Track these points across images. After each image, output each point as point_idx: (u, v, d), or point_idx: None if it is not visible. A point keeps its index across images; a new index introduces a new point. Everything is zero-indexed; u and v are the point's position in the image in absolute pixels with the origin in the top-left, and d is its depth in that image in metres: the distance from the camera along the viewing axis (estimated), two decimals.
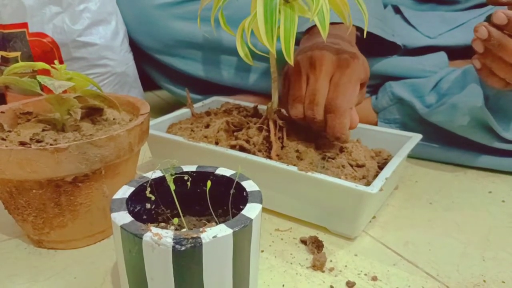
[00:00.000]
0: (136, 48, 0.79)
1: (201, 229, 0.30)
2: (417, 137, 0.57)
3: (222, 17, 0.53)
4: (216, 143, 0.55)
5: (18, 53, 0.53)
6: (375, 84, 0.72)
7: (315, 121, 0.51)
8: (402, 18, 0.77)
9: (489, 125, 0.60)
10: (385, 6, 0.79)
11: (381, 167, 0.51)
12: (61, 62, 0.67)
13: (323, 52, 0.51)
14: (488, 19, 0.49)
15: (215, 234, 0.30)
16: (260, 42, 0.44)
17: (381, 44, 0.58)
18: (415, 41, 0.72)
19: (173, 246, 0.29)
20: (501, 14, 0.47)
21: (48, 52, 0.66)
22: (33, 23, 0.65)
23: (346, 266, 0.43)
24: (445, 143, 0.65)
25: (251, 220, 0.32)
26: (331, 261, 0.44)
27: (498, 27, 0.48)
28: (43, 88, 0.44)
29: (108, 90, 0.73)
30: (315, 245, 0.45)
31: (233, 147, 0.53)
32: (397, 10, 0.79)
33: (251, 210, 0.33)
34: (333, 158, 0.51)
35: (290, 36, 0.43)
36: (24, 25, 0.65)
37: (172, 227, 0.39)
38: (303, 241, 0.47)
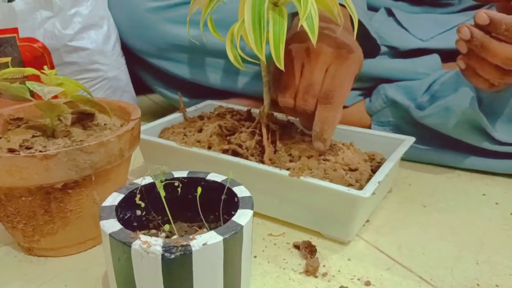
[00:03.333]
0: (128, 52, 0.79)
1: (190, 237, 0.30)
2: (410, 140, 0.57)
3: (211, 22, 0.53)
4: (209, 148, 0.54)
5: (8, 59, 0.53)
6: (368, 86, 0.72)
7: (305, 113, 0.50)
8: (395, 20, 0.77)
9: (482, 127, 0.60)
10: (377, 9, 0.79)
11: (374, 171, 0.51)
12: (52, 67, 0.67)
13: (320, 44, 0.50)
14: None
15: (205, 242, 0.29)
16: (249, 47, 0.43)
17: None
18: (408, 44, 0.72)
19: (163, 254, 0.29)
20: (483, 14, 0.46)
21: (39, 57, 0.66)
22: (23, 28, 0.65)
23: (339, 271, 0.43)
24: (438, 146, 0.65)
25: (241, 226, 0.31)
26: (324, 266, 0.44)
27: (481, 28, 0.48)
28: (33, 94, 0.43)
29: (100, 94, 0.73)
30: (308, 250, 0.45)
31: (225, 151, 0.53)
32: (390, 12, 0.79)
33: (242, 216, 0.33)
34: (326, 162, 0.50)
35: (280, 41, 0.42)
36: (15, 30, 0.64)
37: (163, 234, 0.38)
38: (296, 246, 0.46)
